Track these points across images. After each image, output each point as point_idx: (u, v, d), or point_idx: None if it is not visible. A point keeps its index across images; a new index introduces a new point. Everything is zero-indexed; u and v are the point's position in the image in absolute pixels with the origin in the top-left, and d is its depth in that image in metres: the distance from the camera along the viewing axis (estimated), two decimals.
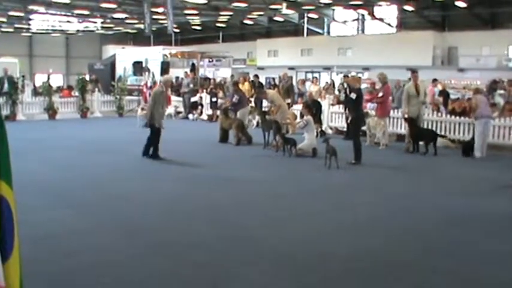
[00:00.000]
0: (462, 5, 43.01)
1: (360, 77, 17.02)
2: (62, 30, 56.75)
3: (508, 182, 11.18)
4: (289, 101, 21.31)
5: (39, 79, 39.03)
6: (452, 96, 24.09)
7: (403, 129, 17.31)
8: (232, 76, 30.65)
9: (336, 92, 24.76)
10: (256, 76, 24.61)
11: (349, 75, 22.31)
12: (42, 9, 42.71)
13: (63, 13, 45.49)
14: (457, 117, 17.44)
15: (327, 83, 30.49)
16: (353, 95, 13.64)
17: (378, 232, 7.71)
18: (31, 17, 47.34)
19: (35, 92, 30.31)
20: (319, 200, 9.71)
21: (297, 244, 7.04)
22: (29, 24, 51.96)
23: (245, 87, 22.60)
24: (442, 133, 17.08)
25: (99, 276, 5.82)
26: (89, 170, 12.19)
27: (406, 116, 15.82)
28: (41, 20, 49.61)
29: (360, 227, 7.99)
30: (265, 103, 21.14)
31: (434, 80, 23.30)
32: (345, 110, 18.46)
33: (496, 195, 10.40)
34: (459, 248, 7.02)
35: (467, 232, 7.75)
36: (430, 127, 17.16)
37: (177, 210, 8.70)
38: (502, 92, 23.23)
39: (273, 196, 9.97)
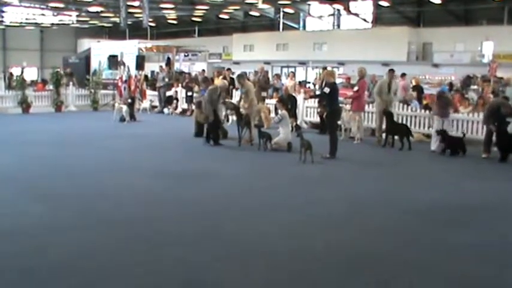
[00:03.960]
0: (437, 1, 43.49)
1: (333, 71, 16.97)
2: (36, 23, 56.17)
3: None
4: (265, 94, 21.32)
5: (13, 72, 38.66)
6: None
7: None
8: (203, 71, 30.58)
9: (311, 86, 24.81)
10: (229, 70, 24.58)
11: (328, 68, 22.33)
12: (15, 1, 42.26)
13: (37, 6, 45.07)
14: (431, 112, 17.53)
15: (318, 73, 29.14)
16: (326, 89, 13.53)
17: (352, 226, 7.76)
18: (4, 9, 46.81)
19: (9, 86, 29.99)
20: (293, 194, 9.72)
21: (271, 239, 7.05)
22: (2, 17, 51.34)
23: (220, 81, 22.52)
24: (416, 128, 17.23)
25: (68, 271, 5.78)
26: (63, 163, 12.06)
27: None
28: (15, 13, 49.06)
29: (334, 221, 8.03)
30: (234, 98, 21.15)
31: (403, 75, 23.38)
32: (319, 104, 18.53)
33: (463, 189, 10.57)
34: (431, 242, 7.10)
35: (439, 226, 7.84)
36: (404, 122, 17.30)
37: (150, 206, 8.62)
38: (475, 87, 23.52)
39: (247, 191, 9.98)
